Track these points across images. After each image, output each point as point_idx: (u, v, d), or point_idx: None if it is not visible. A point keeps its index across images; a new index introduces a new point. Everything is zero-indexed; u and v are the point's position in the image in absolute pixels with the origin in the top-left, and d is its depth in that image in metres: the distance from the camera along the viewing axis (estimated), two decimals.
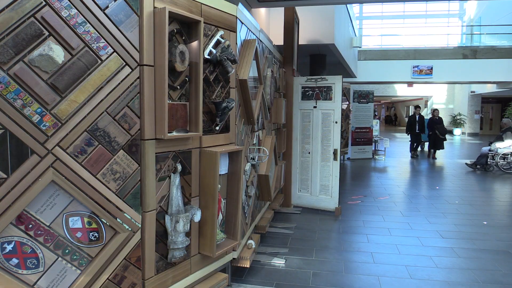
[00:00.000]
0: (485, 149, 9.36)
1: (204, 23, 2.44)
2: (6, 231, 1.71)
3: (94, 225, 1.99)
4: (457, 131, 21.85)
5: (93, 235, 1.99)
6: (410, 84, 21.31)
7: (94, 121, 1.93)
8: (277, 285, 3.22)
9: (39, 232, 1.81)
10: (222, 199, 2.88)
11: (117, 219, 2.05)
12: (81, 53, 1.85)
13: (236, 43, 2.90)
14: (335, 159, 5.29)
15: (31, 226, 1.78)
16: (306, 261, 3.70)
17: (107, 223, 2.03)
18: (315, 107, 5.39)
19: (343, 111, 9.30)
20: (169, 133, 2.25)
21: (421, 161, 11.05)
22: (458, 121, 21.68)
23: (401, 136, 20.59)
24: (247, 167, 3.48)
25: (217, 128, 2.70)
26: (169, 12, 2.14)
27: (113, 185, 2.03)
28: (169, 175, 2.37)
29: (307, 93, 5.43)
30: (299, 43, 6.43)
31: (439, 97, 24.64)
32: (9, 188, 1.67)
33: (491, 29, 17.91)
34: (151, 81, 2.17)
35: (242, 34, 3.13)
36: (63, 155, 1.83)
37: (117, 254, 2.08)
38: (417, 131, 11.67)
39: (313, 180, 5.50)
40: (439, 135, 11.07)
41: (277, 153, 4.88)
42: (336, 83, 5.23)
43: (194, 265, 2.62)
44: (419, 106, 12.36)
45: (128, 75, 2.06)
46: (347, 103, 10.34)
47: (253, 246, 3.45)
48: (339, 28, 8.04)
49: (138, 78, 2.11)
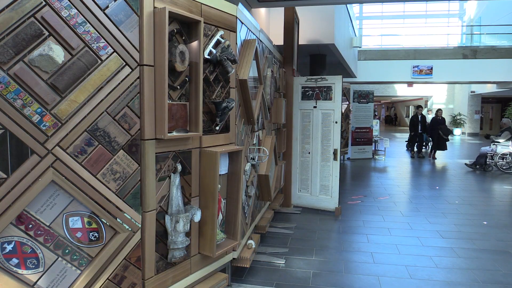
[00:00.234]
0: (484, 149, 9.37)
1: (204, 23, 2.44)
2: (6, 231, 1.71)
3: (94, 225, 1.99)
4: (457, 131, 21.85)
5: (93, 235, 1.99)
6: (410, 84, 21.31)
7: (94, 121, 1.93)
8: (277, 285, 3.22)
9: (39, 232, 1.81)
10: (222, 199, 2.88)
11: (117, 219, 2.05)
12: (81, 53, 1.85)
13: (236, 43, 2.90)
14: (335, 159, 5.29)
15: (31, 226, 1.78)
16: (306, 261, 3.70)
17: (107, 223, 2.03)
18: (315, 107, 5.39)
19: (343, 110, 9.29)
20: (169, 133, 2.25)
21: (421, 161, 11.04)
22: (458, 121, 21.68)
23: (401, 136, 20.58)
24: (247, 167, 3.48)
25: (217, 128, 2.70)
26: (169, 12, 2.14)
27: (113, 185, 2.03)
28: (169, 175, 2.37)
29: (307, 93, 5.43)
30: (299, 43, 6.43)
31: (439, 97, 24.64)
32: (9, 188, 1.67)
33: (491, 29, 17.90)
34: (151, 81, 2.17)
35: (242, 34, 3.13)
36: (63, 155, 1.83)
37: (117, 254, 2.08)
38: (419, 131, 11.61)
39: (313, 180, 5.50)
40: (442, 135, 10.91)
41: (277, 153, 4.88)
42: (336, 83, 5.23)
43: (194, 265, 2.62)
44: (421, 106, 12.27)
45: (128, 75, 2.06)
46: (347, 103, 10.33)
47: (253, 246, 3.45)
48: (339, 28, 8.04)
49: (138, 78, 2.11)
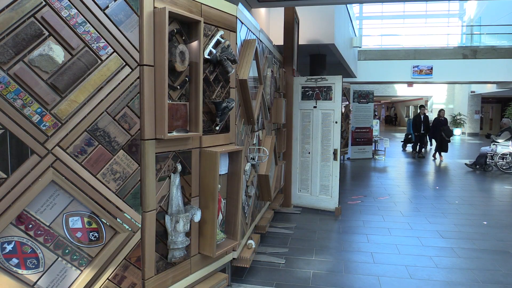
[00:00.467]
0: (485, 149, 9.37)
1: (204, 23, 2.44)
2: (6, 231, 1.71)
3: (94, 225, 1.99)
4: (457, 131, 21.86)
5: (93, 235, 1.99)
6: (410, 84, 21.31)
7: (94, 121, 1.93)
8: (277, 285, 3.22)
9: (39, 232, 1.81)
10: (222, 199, 2.88)
11: (117, 219, 2.05)
12: (81, 53, 1.85)
13: (236, 43, 2.90)
14: (335, 159, 5.29)
15: (31, 226, 1.78)
16: (306, 261, 3.70)
17: (107, 223, 2.03)
18: (315, 107, 5.39)
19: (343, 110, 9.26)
20: (169, 133, 2.25)
21: (421, 161, 11.04)
22: (458, 121, 21.68)
23: (401, 136, 20.56)
24: (247, 167, 3.48)
25: (217, 128, 2.70)
26: (169, 12, 2.14)
27: (113, 185, 2.03)
28: (169, 175, 2.37)
29: (307, 93, 5.43)
30: (299, 43, 6.43)
31: (439, 97, 24.64)
32: (9, 188, 1.67)
33: (491, 29, 17.91)
34: (151, 81, 2.17)
35: (242, 34, 3.13)
36: (63, 155, 1.83)
37: (117, 254, 2.08)
38: (422, 131, 11.49)
39: (313, 180, 5.50)
40: (445, 136, 10.74)
41: (277, 153, 4.88)
42: (336, 83, 5.23)
43: (194, 265, 2.62)
44: (423, 105, 12.08)
45: (128, 75, 2.06)
46: (347, 103, 10.33)
47: (253, 246, 3.45)
48: (339, 28, 8.04)
49: (138, 78, 2.11)
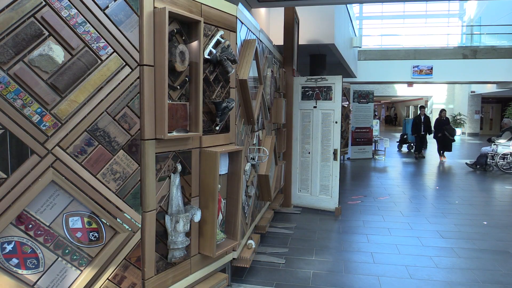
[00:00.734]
0: (485, 149, 9.36)
1: (204, 23, 2.44)
2: (6, 231, 1.71)
3: (94, 225, 1.99)
4: (457, 131, 21.84)
5: (93, 235, 1.99)
6: (410, 84, 21.30)
7: (94, 121, 1.93)
8: (277, 285, 3.22)
9: (39, 232, 1.81)
10: (222, 199, 2.88)
11: (117, 219, 2.05)
12: (81, 53, 1.85)
13: (236, 43, 2.90)
14: (335, 159, 5.29)
15: (31, 226, 1.78)
16: (306, 261, 3.70)
17: (107, 223, 2.03)
18: (315, 107, 5.39)
19: (343, 110, 9.23)
20: (169, 133, 2.25)
21: (421, 161, 11.04)
22: (458, 121, 21.68)
23: None
24: (247, 167, 3.48)
25: (217, 128, 2.70)
26: (169, 12, 2.14)
27: (113, 185, 2.03)
28: (169, 175, 2.37)
29: (307, 93, 5.43)
30: (299, 43, 6.43)
31: (439, 97, 24.64)
32: (9, 188, 1.67)
33: (491, 29, 17.91)
34: (151, 81, 2.17)
35: (242, 34, 3.13)
36: (63, 155, 1.83)
37: (117, 254, 2.08)
38: (422, 132, 11.32)
39: (313, 180, 5.50)
40: (448, 136, 10.68)
41: (277, 153, 4.88)
42: (336, 83, 5.23)
43: (194, 265, 2.62)
44: (423, 106, 11.93)
45: (128, 75, 2.06)
46: (347, 103, 10.32)
47: (253, 246, 3.45)
48: (339, 28, 8.04)
49: (138, 78, 2.11)
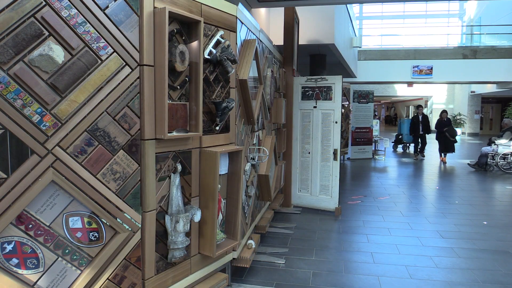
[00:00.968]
0: (486, 149, 9.36)
1: (204, 23, 2.44)
2: (6, 231, 1.71)
3: (94, 225, 1.99)
4: (457, 131, 21.84)
5: (93, 235, 1.99)
6: (410, 84, 21.30)
7: (94, 121, 1.93)
8: (277, 285, 3.22)
9: (39, 232, 1.81)
10: (222, 199, 2.88)
11: (117, 219, 2.05)
12: (81, 53, 1.85)
13: (236, 43, 2.90)
14: (335, 159, 5.29)
15: (31, 226, 1.78)
16: (306, 261, 3.70)
17: (107, 223, 2.03)
18: (315, 107, 5.39)
19: (343, 111, 9.22)
20: (169, 133, 2.25)
21: (421, 161, 11.04)
22: (458, 121, 21.69)
23: None
24: (247, 167, 3.48)
25: (217, 128, 2.70)
26: (169, 12, 2.14)
27: (113, 185, 2.03)
28: (169, 175, 2.37)
29: (307, 93, 5.43)
30: (299, 43, 6.43)
31: (439, 97, 24.64)
32: (9, 188, 1.67)
33: (491, 29, 17.91)
34: (151, 81, 2.17)
35: (242, 34, 3.13)
36: (63, 155, 1.83)
37: (117, 254, 2.08)
38: (420, 132, 11.19)
39: (313, 180, 5.50)
40: (449, 137, 10.45)
41: (277, 153, 4.88)
42: (336, 83, 5.23)
43: (194, 265, 2.62)
44: (421, 105, 11.79)
45: (128, 75, 2.06)
46: (347, 103, 10.31)
47: (253, 246, 3.45)
48: (339, 28, 8.04)
49: (138, 78, 2.11)
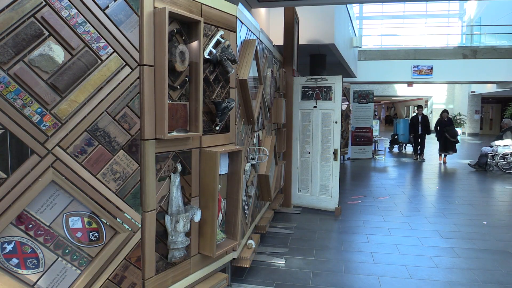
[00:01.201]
0: (486, 149, 9.35)
1: (204, 23, 2.44)
2: (6, 231, 1.71)
3: (94, 225, 1.99)
4: (458, 131, 21.84)
5: (93, 235, 1.99)
6: (410, 84, 21.31)
7: (94, 121, 1.93)
8: (277, 285, 3.22)
9: (39, 232, 1.81)
10: (222, 199, 2.88)
11: (117, 219, 2.05)
12: (81, 53, 1.85)
13: (236, 43, 2.90)
14: (335, 159, 5.29)
15: (31, 226, 1.78)
16: (306, 261, 3.70)
17: (107, 223, 2.03)
18: (315, 107, 5.39)
19: (343, 111, 9.20)
20: (169, 133, 2.25)
21: (421, 161, 11.03)
22: (458, 121, 21.68)
23: None
24: (247, 167, 3.48)
25: (217, 128, 2.70)
26: (169, 12, 2.14)
27: (113, 185, 2.03)
28: (169, 175, 2.37)
29: (307, 93, 5.43)
30: (299, 43, 6.43)
31: (439, 97, 24.65)
32: (9, 188, 1.67)
33: (491, 29, 17.91)
34: (151, 81, 2.18)
35: (242, 34, 3.13)
36: (63, 155, 1.83)
37: (117, 254, 2.08)
38: (420, 132, 11.03)
39: (313, 180, 5.50)
40: (449, 138, 10.28)
41: (277, 153, 4.88)
42: (336, 83, 5.23)
43: (194, 265, 2.62)
44: (421, 106, 11.61)
45: (128, 75, 2.06)
46: (347, 103, 10.30)
47: (253, 246, 3.45)
48: (339, 28, 8.04)
49: (138, 78, 2.11)
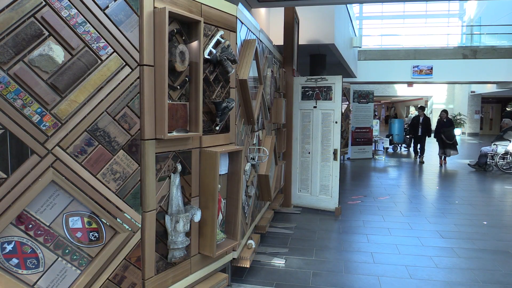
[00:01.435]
0: (485, 149, 9.35)
1: (204, 23, 2.44)
2: (6, 231, 1.71)
3: (94, 225, 1.99)
4: (457, 131, 21.85)
5: (93, 235, 1.99)
6: (410, 84, 21.31)
7: (94, 121, 1.93)
8: (277, 285, 3.22)
9: (39, 232, 1.81)
10: (222, 199, 2.88)
11: (117, 219, 2.05)
12: (81, 53, 1.85)
13: (236, 43, 2.90)
14: (335, 159, 5.29)
15: (31, 226, 1.78)
16: (306, 261, 3.70)
17: (107, 223, 2.03)
18: (315, 107, 5.39)
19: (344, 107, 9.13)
20: (169, 133, 2.25)
21: (421, 163, 11.02)
22: (458, 121, 21.69)
23: None
24: (247, 167, 3.48)
25: (217, 128, 2.70)
26: (169, 12, 2.14)
27: (113, 185, 2.03)
28: (169, 175, 2.37)
29: (307, 93, 5.43)
30: (299, 43, 6.43)
31: (439, 97, 24.64)
32: (9, 188, 1.67)
33: (491, 29, 17.91)
34: (151, 81, 2.17)
35: (242, 34, 3.13)
36: (63, 155, 1.83)
37: (117, 254, 2.08)
38: (419, 134, 10.83)
39: (313, 180, 5.50)
40: (445, 140, 9.95)
41: (277, 153, 4.88)
42: (336, 83, 5.23)
43: (194, 265, 2.62)
44: (423, 107, 11.51)
45: (128, 75, 2.06)
46: (347, 103, 10.29)
47: (253, 246, 3.45)
48: (339, 28, 8.04)
49: (138, 78, 2.11)
